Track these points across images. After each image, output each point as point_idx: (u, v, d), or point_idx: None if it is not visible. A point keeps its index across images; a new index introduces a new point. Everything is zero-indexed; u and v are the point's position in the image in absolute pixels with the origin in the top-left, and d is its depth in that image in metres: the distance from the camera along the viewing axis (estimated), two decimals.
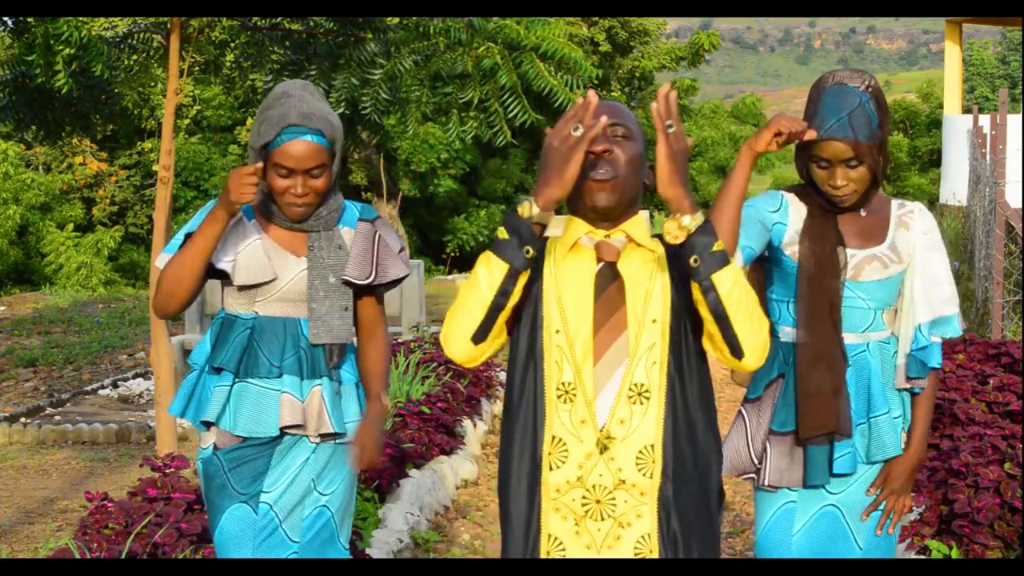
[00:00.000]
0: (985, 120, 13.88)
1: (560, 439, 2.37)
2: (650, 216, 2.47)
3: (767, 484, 3.02)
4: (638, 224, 2.42)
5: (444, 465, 6.64)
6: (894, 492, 3.04)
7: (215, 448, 3.09)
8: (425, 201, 25.59)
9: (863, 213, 3.01)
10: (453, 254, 25.87)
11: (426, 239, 26.31)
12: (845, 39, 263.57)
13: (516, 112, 6.42)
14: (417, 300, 11.55)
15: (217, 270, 3.06)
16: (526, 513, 2.39)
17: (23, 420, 8.79)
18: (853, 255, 2.98)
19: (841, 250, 2.96)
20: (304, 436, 3.11)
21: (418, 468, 6.30)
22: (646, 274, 2.39)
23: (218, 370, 3.07)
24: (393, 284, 3.23)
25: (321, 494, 3.13)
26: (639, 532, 2.35)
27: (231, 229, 3.07)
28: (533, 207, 2.30)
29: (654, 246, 2.42)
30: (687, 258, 2.28)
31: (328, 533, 3.16)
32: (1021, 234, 10.45)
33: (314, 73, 6.62)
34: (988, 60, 49.29)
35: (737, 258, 2.96)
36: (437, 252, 26.22)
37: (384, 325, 3.32)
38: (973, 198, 13.55)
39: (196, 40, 6.91)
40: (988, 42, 56.66)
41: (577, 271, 2.40)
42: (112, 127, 14.39)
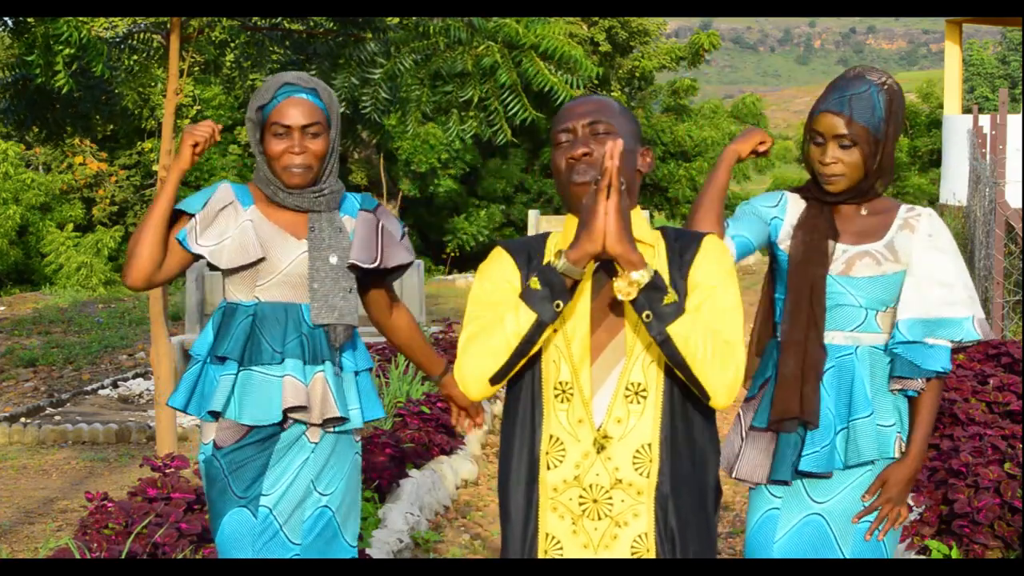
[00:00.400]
0: (985, 120, 13.87)
1: (557, 438, 2.37)
2: (650, 216, 2.46)
3: (736, 477, 3.01)
4: (635, 221, 2.41)
5: (444, 465, 6.64)
6: (890, 500, 2.96)
7: (215, 447, 3.09)
8: (425, 201, 25.60)
9: (864, 212, 2.99)
10: (453, 254, 25.88)
11: (426, 239, 26.30)
12: (845, 39, 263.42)
13: (516, 110, 6.42)
14: (417, 300, 11.55)
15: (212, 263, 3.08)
16: (524, 512, 2.39)
17: (23, 420, 8.79)
18: (845, 250, 2.96)
19: (831, 242, 2.95)
20: (303, 435, 3.11)
21: (418, 468, 6.31)
22: None
23: (222, 359, 3.07)
24: (398, 272, 3.23)
25: (321, 494, 3.13)
26: (636, 531, 2.35)
27: (218, 217, 3.08)
28: (562, 259, 2.27)
29: (653, 240, 2.42)
30: (639, 313, 2.26)
31: (331, 533, 3.15)
32: (1021, 234, 10.44)
33: (314, 73, 6.63)
34: (988, 60, 49.24)
35: (728, 244, 2.97)
36: (437, 252, 26.22)
37: (404, 306, 3.34)
38: (973, 198, 13.54)
39: (196, 40, 6.91)
40: (988, 42, 56.60)
41: None
42: (112, 127, 14.39)
